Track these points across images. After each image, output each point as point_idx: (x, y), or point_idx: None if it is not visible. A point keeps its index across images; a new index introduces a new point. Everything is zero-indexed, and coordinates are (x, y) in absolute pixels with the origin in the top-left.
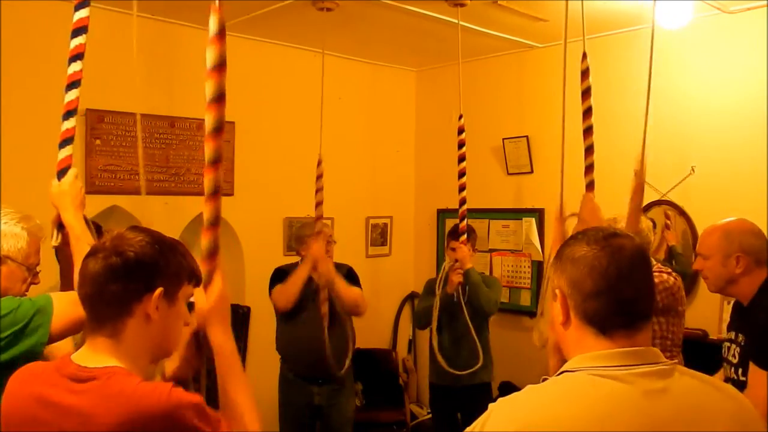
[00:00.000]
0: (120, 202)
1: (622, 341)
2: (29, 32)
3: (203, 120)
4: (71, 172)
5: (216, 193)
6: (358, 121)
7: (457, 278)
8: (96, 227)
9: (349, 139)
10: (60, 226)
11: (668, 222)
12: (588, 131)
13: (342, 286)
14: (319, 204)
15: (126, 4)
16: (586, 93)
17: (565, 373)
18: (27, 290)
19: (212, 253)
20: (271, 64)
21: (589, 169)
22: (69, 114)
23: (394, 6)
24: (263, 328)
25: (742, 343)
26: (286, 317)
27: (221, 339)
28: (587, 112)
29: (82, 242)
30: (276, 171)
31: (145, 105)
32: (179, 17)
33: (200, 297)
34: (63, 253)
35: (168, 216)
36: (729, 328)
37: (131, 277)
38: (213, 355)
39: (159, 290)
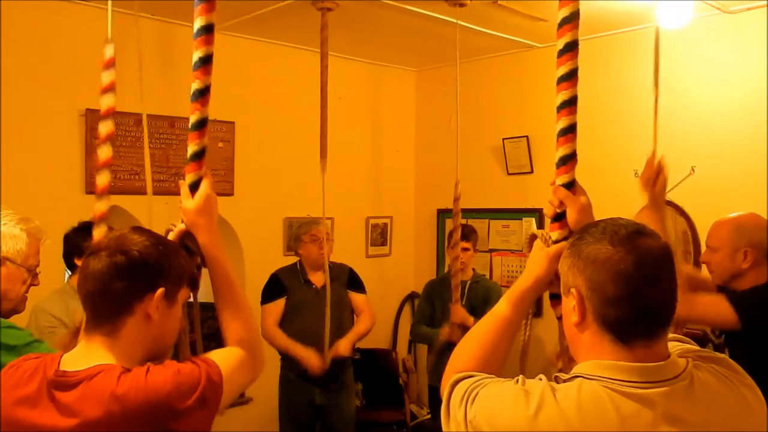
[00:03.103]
0: (120, 202)
1: (642, 351)
2: (29, 32)
3: None
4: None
5: (204, 96)
6: (358, 121)
7: (457, 335)
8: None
9: (349, 139)
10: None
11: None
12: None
13: (355, 336)
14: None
15: (126, 4)
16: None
17: (579, 379)
18: (27, 292)
19: (198, 156)
20: (272, 64)
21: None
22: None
23: (394, 6)
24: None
25: (718, 337)
26: (286, 317)
27: (207, 238)
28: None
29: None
30: (276, 171)
31: (146, 105)
32: (179, 17)
33: (186, 197)
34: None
35: (168, 216)
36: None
37: (135, 276)
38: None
39: (161, 290)
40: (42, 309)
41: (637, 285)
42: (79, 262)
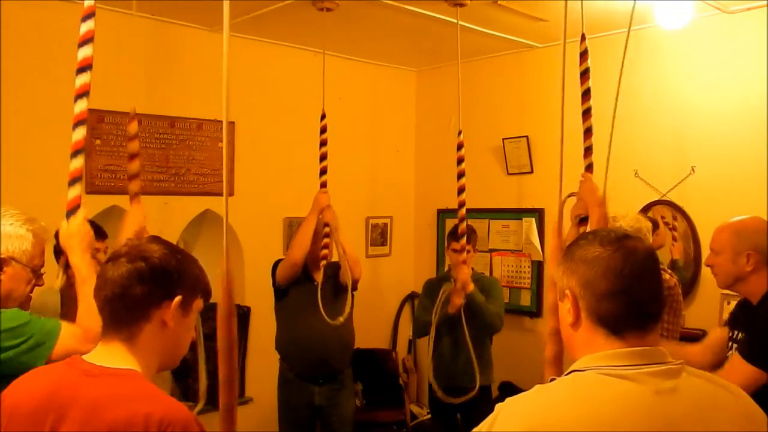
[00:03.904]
0: (120, 202)
1: (634, 341)
2: (29, 32)
3: (203, 120)
4: (80, 213)
5: None
6: (358, 121)
7: (459, 301)
8: (96, 228)
9: (349, 139)
10: (67, 267)
11: (675, 234)
12: (586, 113)
13: (344, 238)
14: (323, 172)
15: (126, 4)
16: (585, 94)
17: (573, 373)
18: (31, 292)
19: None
20: (271, 64)
21: (588, 151)
22: (77, 153)
23: (394, 6)
24: (263, 328)
25: (741, 339)
26: (287, 312)
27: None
28: (587, 113)
29: (87, 285)
30: (276, 171)
31: (146, 105)
32: (179, 17)
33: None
34: (68, 294)
35: (168, 216)
36: (730, 326)
37: (155, 282)
38: None
39: (178, 298)
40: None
41: (626, 280)
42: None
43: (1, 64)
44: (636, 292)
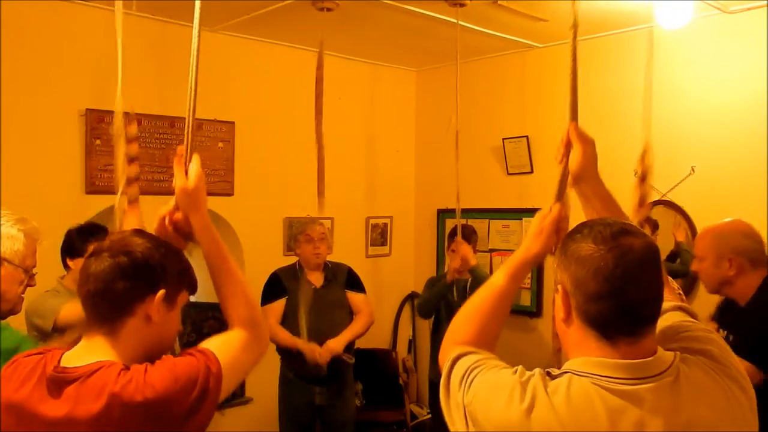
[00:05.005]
0: None
1: (626, 348)
2: (29, 32)
3: (203, 120)
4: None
5: None
6: (358, 121)
7: (455, 264)
8: (102, 229)
9: (349, 139)
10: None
11: (678, 218)
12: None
13: (350, 335)
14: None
15: (126, 4)
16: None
17: (568, 374)
18: (23, 292)
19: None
20: (271, 64)
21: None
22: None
23: (394, 6)
24: None
25: (731, 341)
26: (285, 317)
27: (205, 221)
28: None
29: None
30: (276, 171)
31: (146, 105)
32: (179, 17)
33: (181, 177)
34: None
35: None
36: (718, 322)
37: (138, 277)
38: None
39: (162, 292)
40: (32, 314)
41: (616, 282)
42: (71, 263)
43: (1, 64)
44: (628, 295)
